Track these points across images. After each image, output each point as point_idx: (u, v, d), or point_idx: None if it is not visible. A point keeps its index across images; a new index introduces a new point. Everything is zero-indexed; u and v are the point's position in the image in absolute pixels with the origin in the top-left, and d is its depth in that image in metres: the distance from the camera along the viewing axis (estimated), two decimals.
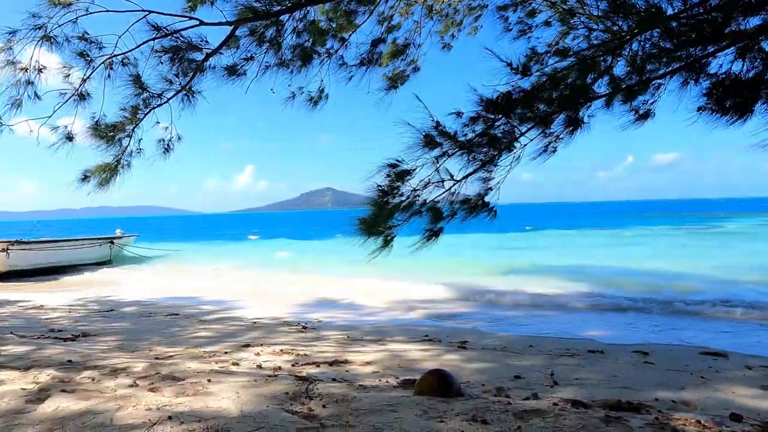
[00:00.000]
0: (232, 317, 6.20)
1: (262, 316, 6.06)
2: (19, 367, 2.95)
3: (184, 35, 4.03)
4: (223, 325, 5.47)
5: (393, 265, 9.41)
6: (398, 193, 3.86)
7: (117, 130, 4.42)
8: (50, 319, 5.79)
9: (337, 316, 6.36)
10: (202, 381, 2.63)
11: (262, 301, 7.98)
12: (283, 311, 6.65)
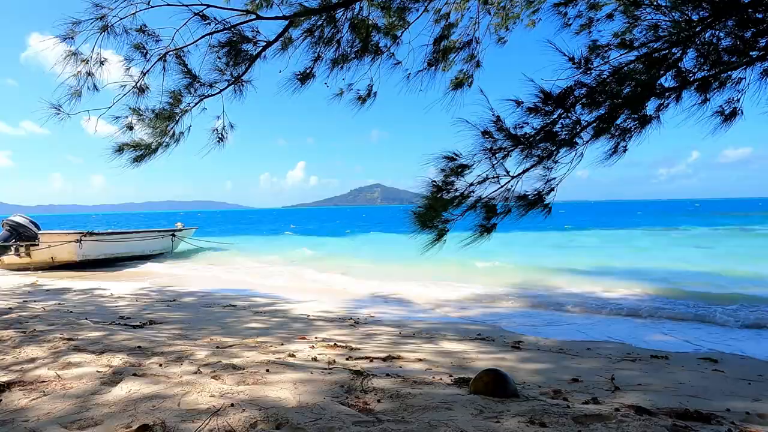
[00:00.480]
0: (285, 310, 6.37)
1: (315, 310, 6.20)
2: (94, 350, 3.15)
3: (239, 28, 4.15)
4: (276, 317, 5.64)
5: (443, 262, 9.41)
6: (453, 188, 3.83)
7: (165, 119, 4.59)
8: (119, 306, 6.15)
9: (388, 312, 6.40)
10: (260, 371, 2.72)
11: (313, 295, 8.16)
12: (334, 306, 6.77)
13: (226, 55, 4.16)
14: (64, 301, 6.52)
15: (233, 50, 4.15)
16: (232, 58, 4.23)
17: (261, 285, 9.62)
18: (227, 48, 4.14)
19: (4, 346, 3.26)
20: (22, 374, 2.65)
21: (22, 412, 2.12)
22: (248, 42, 4.18)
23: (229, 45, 4.12)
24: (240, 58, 4.25)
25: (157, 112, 4.39)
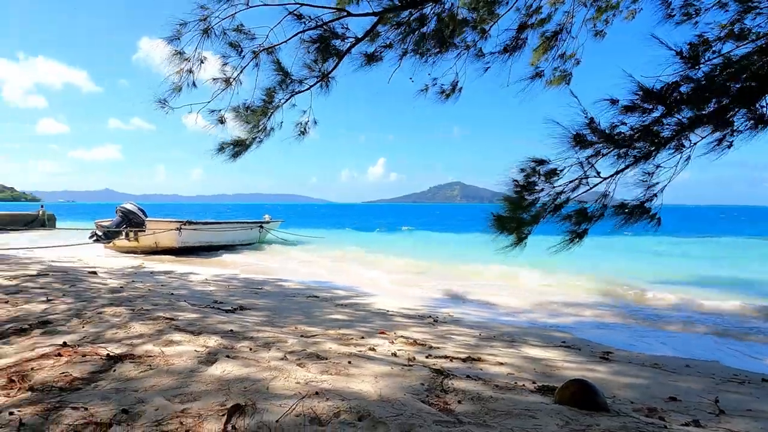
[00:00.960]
0: (364, 303, 6.49)
1: (394, 306, 6.26)
2: (192, 331, 3.41)
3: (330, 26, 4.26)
4: (356, 310, 5.77)
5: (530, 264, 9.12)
6: (536, 189, 3.71)
7: (258, 114, 4.81)
8: (211, 291, 6.60)
9: (468, 313, 6.32)
10: (343, 362, 2.79)
11: (391, 290, 8.25)
12: (413, 303, 6.80)
13: (316, 52, 4.29)
14: (165, 283, 7.11)
15: (323, 47, 4.27)
16: (321, 55, 4.35)
17: (341, 278, 9.89)
18: (318, 44, 4.26)
19: (117, 321, 3.62)
20: (132, 348, 2.92)
21: (132, 382, 2.34)
22: (338, 38, 4.29)
23: (320, 41, 4.24)
24: (329, 55, 4.37)
25: (252, 108, 4.63)
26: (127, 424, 1.88)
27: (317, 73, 4.26)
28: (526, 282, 9.15)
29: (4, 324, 3.45)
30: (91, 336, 3.22)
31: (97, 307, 4.14)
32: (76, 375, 2.42)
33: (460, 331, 4.83)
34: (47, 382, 2.32)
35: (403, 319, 5.25)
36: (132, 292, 5.34)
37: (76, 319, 3.69)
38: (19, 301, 4.31)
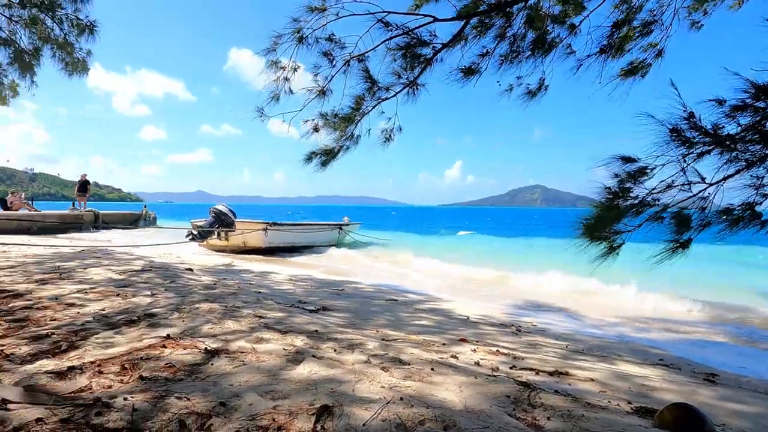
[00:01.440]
0: (443, 309, 6.44)
1: (474, 312, 6.16)
2: (280, 330, 3.56)
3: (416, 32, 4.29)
4: (436, 315, 5.73)
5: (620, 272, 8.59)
6: (630, 194, 3.49)
7: (346, 122, 4.92)
8: (294, 290, 6.85)
9: (554, 323, 6.07)
10: (426, 369, 2.79)
11: (471, 296, 8.13)
12: (493, 310, 6.65)
13: (402, 59, 4.33)
14: (252, 281, 7.49)
15: (410, 54, 4.30)
16: (408, 62, 4.39)
17: (418, 281, 9.89)
18: (404, 51, 4.30)
19: (213, 317, 3.87)
20: (226, 344, 3.10)
21: (227, 376, 2.48)
22: (425, 45, 4.30)
23: (406, 48, 4.27)
24: (415, 61, 4.39)
25: (341, 115, 4.75)
26: (225, 417, 1.99)
27: (404, 80, 4.31)
28: (618, 292, 8.62)
29: (117, 315, 3.81)
30: (190, 330, 3.46)
31: (194, 303, 4.45)
32: (179, 366, 2.62)
33: (545, 342, 4.64)
34: (154, 371, 2.53)
35: (485, 327, 5.15)
36: (224, 289, 5.68)
37: (176, 312, 4.00)
38: (128, 294, 4.74)
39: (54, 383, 2.31)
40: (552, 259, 14.74)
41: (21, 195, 21.88)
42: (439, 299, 7.56)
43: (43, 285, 5.10)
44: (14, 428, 1.82)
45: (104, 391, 2.22)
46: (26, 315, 3.72)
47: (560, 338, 4.99)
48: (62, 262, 7.47)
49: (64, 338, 3.11)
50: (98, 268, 6.89)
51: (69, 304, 4.17)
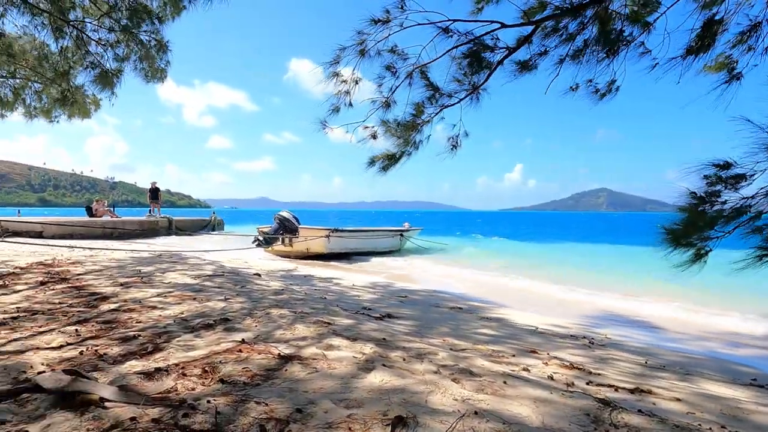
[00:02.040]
0: (508, 318, 6.29)
1: (542, 322, 5.97)
2: (348, 337, 3.61)
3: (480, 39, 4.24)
4: (502, 325, 5.61)
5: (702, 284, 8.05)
6: (718, 200, 3.28)
7: (409, 129, 4.92)
8: (359, 297, 6.94)
9: (629, 335, 5.77)
10: (497, 381, 2.73)
11: (537, 305, 7.88)
12: (562, 320, 6.41)
13: (467, 66, 4.29)
14: (317, 287, 7.66)
15: (474, 60, 4.26)
16: (472, 69, 4.34)
17: (481, 289, 9.72)
18: (468, 59, 4.26)
19: (283, 322, 3.99)
20: (298, 350, 3.19)
21: (301, 383, 2.55)
22: (488, 50, 4.24)
23: (471, 55, 4.23)
24: (479, 67, 4.34)
25: (403, 123, 4.77)
26: (302, 423, 2.04)
27: (467, 86, 4.26)
28: (703, 303, 8.05)
29: (194, 318, 4.02)
30: (263, 335, 3.59)
31: (265, 308, 4.61)
32: (255, 371, 2.72)
33: (621, 356, 4.41)
34: (232, 375, 2.64)
35: (555, 338, 4.97)
36: (291, 294, 5.85)
37: (249, 317, 4.16)
38: (203, 299, 4.99)
39: (143, 383, 2.47)
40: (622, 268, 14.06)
41: (104, 202, 23.62)
42: (504, 308, 7.39)
43: (127, 288, 5.47)
44: (111, 426, 1.96)
45: (189, 393, 2.34)
46: (114, 317, 4.00)
47: (638, 352, 4.73)
48: (142, 266, 7.97)
49: (149, 340, 3.32)
50: (174, 272, 7.30)
51: (151, 307, 4.45)
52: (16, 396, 2.20)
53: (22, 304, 4.41)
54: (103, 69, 7.37)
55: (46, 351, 3.00)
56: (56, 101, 9.30)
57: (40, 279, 5.99)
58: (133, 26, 6.95)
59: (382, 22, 4.25)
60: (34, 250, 10.27)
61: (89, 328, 3.60)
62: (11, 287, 5.30)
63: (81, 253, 10.12)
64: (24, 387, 2.29)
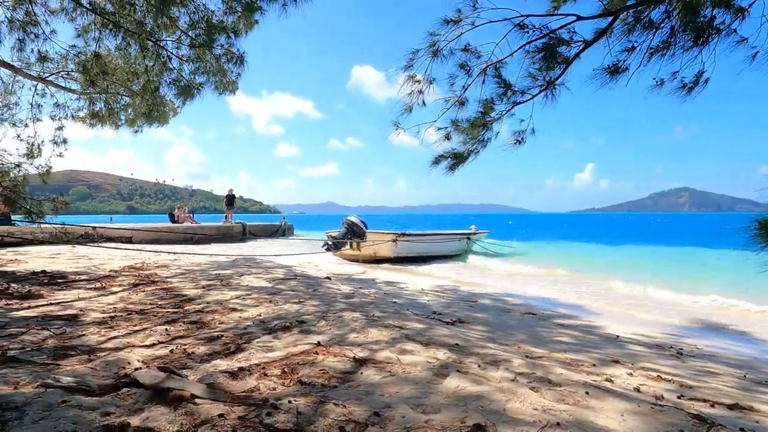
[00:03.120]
0: (589, 325, 6.02)
1: (623, 330, 5.66)
2: (421, 342, 3.61)
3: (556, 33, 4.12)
4: (580, 332, 5.37)
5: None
6: None
7: (479, 127, 4.83)
8: (428, 301, 6.91)
9: (724, 346, 5.33)
10: (579, 392, 2.62)
11: (615, 312, 7.48)
12: (648, 329, 6.03)
13: (541, 60, 4.18)
14: (387, 291, 7.72)
15: (549, 55, 4.14)
16: (546, 63, 4.22)
17: (552, 293, 9.37)
18: (543, 53, 4.15)
19: (356, 326, 4.06)
20: (372, 353, 3.23)
21: (377, 386, 2.58)
22: (564, 44, 4.11)
23: (545, 50, 4.12)
24: (555, 62, 4.21)
25: (473, 121, 4.72)
26: (380, 427, 2.06)
27: (541, 82, 4.15)
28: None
29: (272, 320, 4.18)
30: (337, 338, 3.66)
31: (338, 311, 4.71)
32: (332, 373, 2.78)
33: (715, 368, 4.08)
34: (310, 376, 2.71)
35: (639, 348, 4.69)
36: (362, 298, 5.93)
37: (323, 320, 4.26)
38: (279, 301, 5.17)
39: (229, 382, 2.60)
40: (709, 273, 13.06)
41: (185, 209, 25.16)
42: (579, 313, 7.08)
43: (208, 291, 5.79)
44: (202, 421, 2.08)
45: (270, 393, 2.44)
46: (199, 318, 4.24)
47: (734, 365, 4.35)
48: (221, 270, 8.41)
49: (232, 341, 3.49)
50: (250, 276, 7.63)
51: (231, 309, 4.67)
52: (118, 390, 2.39)
53: (118, 304, 4.79)
54: (185, 82, 7.87)
55: (141, 348, 3.23)
56: (143, 114, 10.04)
57: (132, 281, 6.48)
58: (208, 42, 7.36)
59: (454, 21, 4.24)
60: (125, 254, 11.11)
61: (177, 328, 3.85)
62: (108, 289, 5.77)
63: (166, 257, 10.84)
64: (124, 382, 2.49)
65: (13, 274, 6.78)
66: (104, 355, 3.05)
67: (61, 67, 9.12)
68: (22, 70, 8.66)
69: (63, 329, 3.68)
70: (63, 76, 9.33)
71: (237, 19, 7.65)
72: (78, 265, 8.50)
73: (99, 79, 7.77)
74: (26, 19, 7.75)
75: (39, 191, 8.90)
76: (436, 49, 4.33)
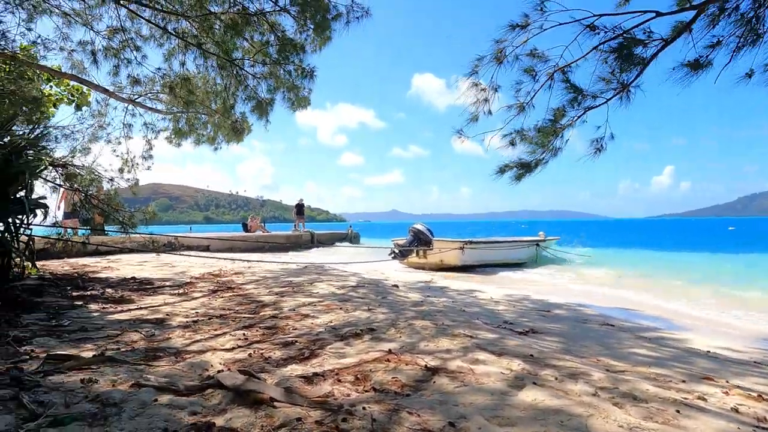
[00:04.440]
0: (672, 338, 5.62)
1: (714, 345, 5.23)
2: (493, 351, 3.53)
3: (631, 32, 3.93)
4: (664, 345, 5.02)
5: None
6: None
7: (548, 135, 4.67)
8: (498, 310, 6.74)
9: None
10: (669, 410, 2.45)
11: (706, 325, 6.94)
12: (740, 344, 5.54)
13: (615, 63, 4.00)
14: (455, 299, 7.62)
15: (623, 56, 3.95)
16: (621, 65, 4.04)
17: (633, 303, 8.85)
18: (616, 54, 3.97)
19: (426, 334, 4.04)
20: (444, 362, 3.20)
21: (450, 396, 2.54)
22: (640, 44, 3.90)
23: (619, 51, 3.94)
24: (630, 64, 4.01)
25: (542, 128, 4.59)
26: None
27: (616, 85, 3.96)
28: None
29: (343, 327, 4.25)
30: (408, 346, 3.66)
31: (407, 319, 4.71)
32: (404, 381, 2.78)
33: None
34: (383, 384, 2.73)
35: (732, 364, 4.31)
36: (431, 306, 5.90)
37: (393, 328, 4.28)
38: (349, 308, 5.25)
39: (304, 387, 2.66)
40: None
41: (257, 219, 26.25)
42: (663, 325, 6.63)
43: (281, 297, 5.99)
44: (281, 424, 2.14)
45: (345, 399, 2.47)
46: (274, 323, 4.40)
47: None
48: (292, 277, 8.67)
49: (306, 346, 3.58)
50: (320, 283, 7.81)
51: (304, 315, 4.80)
52: (203, 391, 2.52)
53: (200, 309, 5.06)
54: (259, 99, 8.25)
55: (222, 352, 3.39)
56: (220, 129, 10.63)
57: (211, 287, 6.83)
58: (281, 60, 7.68)
59: (521, 26, 4.15)
60: (204, 261, 11.74)
61: (254, 333, 4.01)
62: (190, 294, 6.12)
63: (240, 264, 11.33)
64: (208, 383, 2.62)
65: (107, 281, 7.35)
66: (189, 357, 3.23)
67: (148, 89, 9.86)
68: (116, 94, 9.45)
69: (152, 332, 3.94)
70: (150, 97, 10.07)
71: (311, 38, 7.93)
72: (163, 272, 9.09)
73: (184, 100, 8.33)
74: (120, 47, 8.45)
75: (128, 203, 9.62)
76: (502, 56, 4.26)
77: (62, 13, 8.11)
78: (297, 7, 7.49)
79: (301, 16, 7.60)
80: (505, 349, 3.68)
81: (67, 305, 4.98)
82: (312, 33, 7.54)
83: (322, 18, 7.36)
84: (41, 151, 6.13)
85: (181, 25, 7.82)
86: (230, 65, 7.86)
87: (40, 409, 2.13)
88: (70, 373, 2.69)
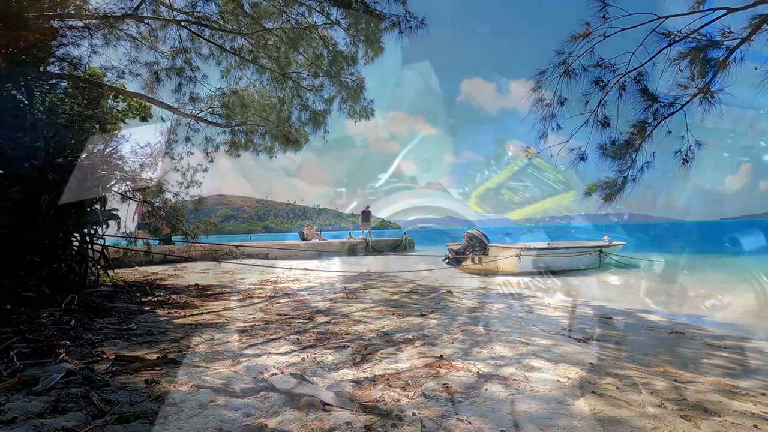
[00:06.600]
0: (747, 347, 5.19)
1: None
2: (549, 358, 3.40)
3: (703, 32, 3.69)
4: (738, 354, 4.65)
5: None
6: None
7: (625, 148, 4.46)
8: (556, 317, 6.50)
9: None
10: (745, 423, 2.26)
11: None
12: None
13: (688, 66, 3.77)
14: (511, 305, 7.42)
15: (697, 58, 3.72)
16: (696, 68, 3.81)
17: (702, 309, 8.26)
18: (691, 57, 3.74)
19: (479, 340, 3.95)
20: (497, 369, 3.11)
21: (503, 403, 2.47)
22: (714, 45, 3.67)
23: (693, 53, 3.71)
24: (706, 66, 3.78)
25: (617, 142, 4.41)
26: None
27: (693, 89, 3.73)
28: None
29: (395, 333, 4.24)
30: (460, 352, 3.59)
31: (461, 325, 4.63)
32: (455, 387, 2.72)
33: None
34: (434, 390, 2.68)
35: None
36: (485, 312, 5.78)
37: (445, 334, 4.22)
38: (402, 314, 5.23)
39: (355, 391, 2.67)
40: None
41: (313, 227, 26.81)
42: (735, 333, 6.14)
43: (335, 303, 6.06)
44: (330, 427, 2.15)
45: (395, 404, 2.45)
46: (327, 329, 4.45)
47: None
48: (346, 283, 8.77)
49: (357, 351, 3.59)
50: (374, 289, 7.85)
51: (357, 321, 4.83)
52: (257, 393, 2.58)
53: (257, 314, 5.21)
54: (313, 111, 8.44)
55: (276, 356, 3.46)
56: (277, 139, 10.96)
57: (269, 294, 7.02)
58: (334, 72, 7.83)
59: (582, 36, 4.00)
60: (263, 269, 12.11)
61: (308, 337, 4.07)
62: (249, 300, 6.31)
63: (297, 272, 11.60)
64: (263, 386, 2.68)
65: (173, 287, 7.73)
66: (245, 360, 3.32)
67: (208, 104, 10.33)
68: (179, 110, 9.97)
69: (212, 336, 4.09)
70: (210, 112, 10.55)
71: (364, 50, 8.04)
72: (223, 279, 9.45)
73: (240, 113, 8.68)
74: (183, 66, 8.93)
75: (193, 215, 10.09)
76: (567, 69, 4.12)
77: (130, 37, 8.68)
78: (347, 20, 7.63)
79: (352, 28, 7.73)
80: (562, 356, 3.53)
81: (136, 310, 5.27)
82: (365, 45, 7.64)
83: (375, 29, 7.45)
84: (113, 166, 6.56)
85: (238, 42, 8.17)
86: (283, 78, 8.11)
87: (107, 407, 2.25)
88: (136, 374, 2.84)
